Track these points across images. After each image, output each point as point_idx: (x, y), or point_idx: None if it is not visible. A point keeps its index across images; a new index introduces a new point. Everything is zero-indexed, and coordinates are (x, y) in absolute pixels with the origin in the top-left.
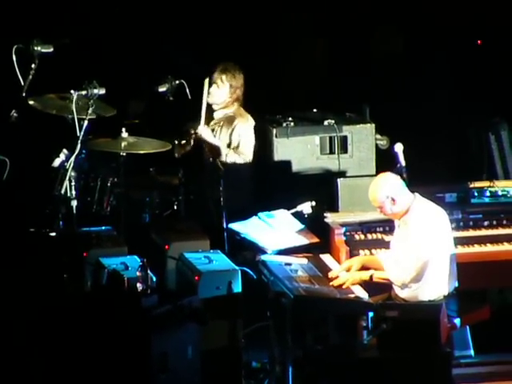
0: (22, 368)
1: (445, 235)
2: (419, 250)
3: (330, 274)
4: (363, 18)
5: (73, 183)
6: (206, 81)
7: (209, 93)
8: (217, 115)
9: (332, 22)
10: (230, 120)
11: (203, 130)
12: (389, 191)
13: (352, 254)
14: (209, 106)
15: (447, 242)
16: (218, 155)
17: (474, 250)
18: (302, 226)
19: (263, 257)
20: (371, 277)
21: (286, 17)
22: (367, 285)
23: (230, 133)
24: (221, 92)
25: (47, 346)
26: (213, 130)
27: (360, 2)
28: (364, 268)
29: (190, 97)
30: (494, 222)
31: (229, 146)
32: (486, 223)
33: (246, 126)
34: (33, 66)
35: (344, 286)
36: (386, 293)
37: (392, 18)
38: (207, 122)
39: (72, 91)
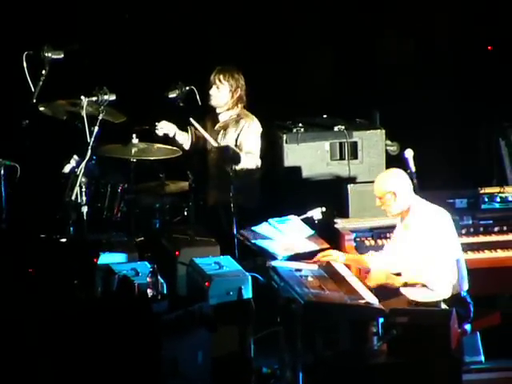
0: (33, 374)
1: (449, 233)
2: (434, 250)
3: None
4: (370, 23)
5: (83, 189)
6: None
7: (210, 95)
8: (222, 118)
9: (340, 28)
10: (235, 121)
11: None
12: (394, 185)
13: None
14: (213, 108)
15: (452, 239)
16: (226, 160)
17: (485, 256)
18: (312, 232)
19: (273, 263)
20: (405, 283)
21: (296, 23)
22: (376, 290)
23: (238, 133)
24: (221, 93)
25: (58, 351)
26: (218, 133)
27: (367, 8)
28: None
29: (200, 103)
30: (505, 228)
31: (236, 146)
32: (496, 229)
33: (253, 126)
34: (43, 72)
35: (372, 283)
36: (395, 297)
37: (399, 22)
38: (213, 125)
39: (82, 97)
